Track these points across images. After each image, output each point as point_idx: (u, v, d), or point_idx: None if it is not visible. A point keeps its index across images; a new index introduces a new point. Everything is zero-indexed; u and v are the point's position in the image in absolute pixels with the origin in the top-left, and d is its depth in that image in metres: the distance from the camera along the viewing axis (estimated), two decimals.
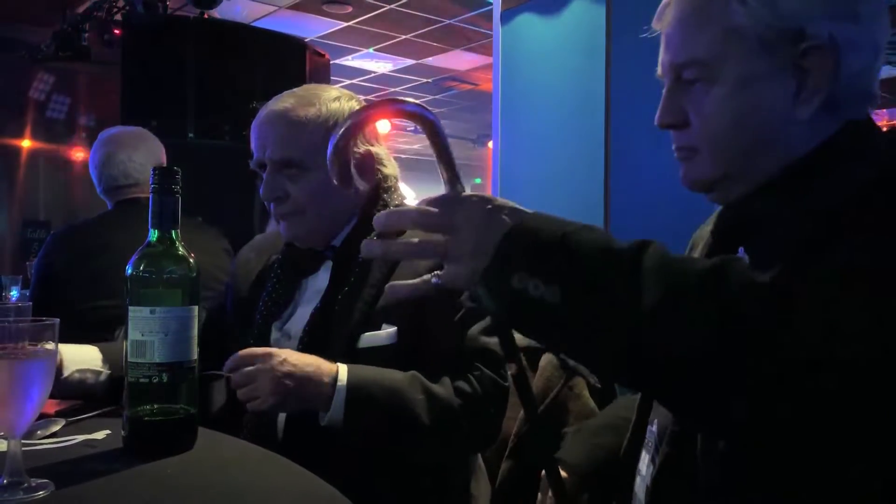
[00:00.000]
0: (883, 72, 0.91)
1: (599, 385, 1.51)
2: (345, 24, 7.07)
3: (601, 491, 1.19)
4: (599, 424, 1.29)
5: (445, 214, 0.78)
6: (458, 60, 8.23)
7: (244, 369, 1.19)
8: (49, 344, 0.91)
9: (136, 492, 0.91)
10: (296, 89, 1.42)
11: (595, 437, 1.25)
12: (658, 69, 0.94)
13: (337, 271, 1.38)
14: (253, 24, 6.25)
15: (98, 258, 2.21)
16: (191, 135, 4.43)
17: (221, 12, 5.18)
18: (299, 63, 4.83)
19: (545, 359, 1.53)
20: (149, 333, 1.04)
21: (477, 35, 7.16)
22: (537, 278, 0.70)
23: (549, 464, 1.03)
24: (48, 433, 1.11)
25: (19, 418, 0.88)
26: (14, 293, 3.47)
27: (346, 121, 0.84)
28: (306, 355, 1.23)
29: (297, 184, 1.36)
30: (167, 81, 4.42)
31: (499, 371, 1.30)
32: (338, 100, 1.40)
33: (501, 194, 3.80)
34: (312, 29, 7.13)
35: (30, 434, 1.07)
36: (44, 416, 1.15)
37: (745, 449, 0.69)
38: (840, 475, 0.66)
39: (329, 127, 1.35)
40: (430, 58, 8.16)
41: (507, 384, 1.30)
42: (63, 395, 1.27)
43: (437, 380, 1.27)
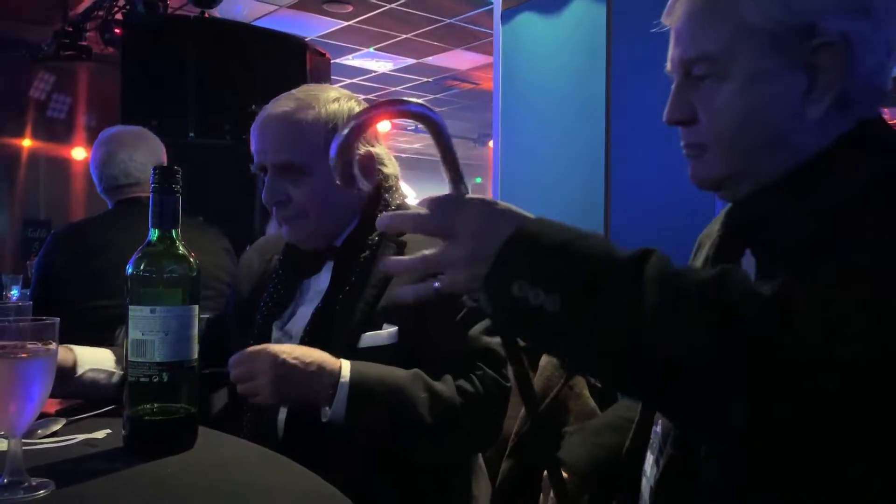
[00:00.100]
0: None
1: (599, 384, 1.51)
2: (345, 24, 7.07)
3: (602, 491, 1.19)
4: (601, 425, 1.29)
5: (445, 219, 0.78)
6: (459, 59, 8.23)
7: (245, 364, 1.19)
8: (49, 343, 0.91)
9: (137, 491, 0.91)
10: (294, 91, 1.42)
11: (596, 438, 1.24)
12: (667, 65, 0.92)
13: (338, 271, 1.38)
14: (253, 24, 6.24)
15: (98, 257, 2.21)
16: (191, 134, 4.42)
17: (222, 12, 5.18)
18: (300, 62, 4.83)
19: (545, 358, 1.53)
20: (149, 333, 1.04)
21: (477, 34, 7.16)
22: (538, 287, 0.69)
23: (551, 464, 1.03)
24: (49, 432, 1.12)
25: (20, 417, 0.88)
26: (14, 292, 3.47)
27: (350, 122, 0.84)
28: (312, 350, 1.22)
29: (299, 187, 1.36)
30: (168, 81, 4.42)
31: (500, 371, 1.29)
32: (337, 101, 1.39)
33: (501, 193, 3.80)
34: (313, 28, 7.13)
35: (30, 433, 1.08)
36: (44, 416, 1.15)
37: (746, 451, 0.68)
38: (840, 475, 0.66)
39: (329, 129, 1.35)
40: (431, 57, 8.16)
41: (509, 384, 1.30)
42: (75, 395, 1.27)
43: (439, 379, 1.26)
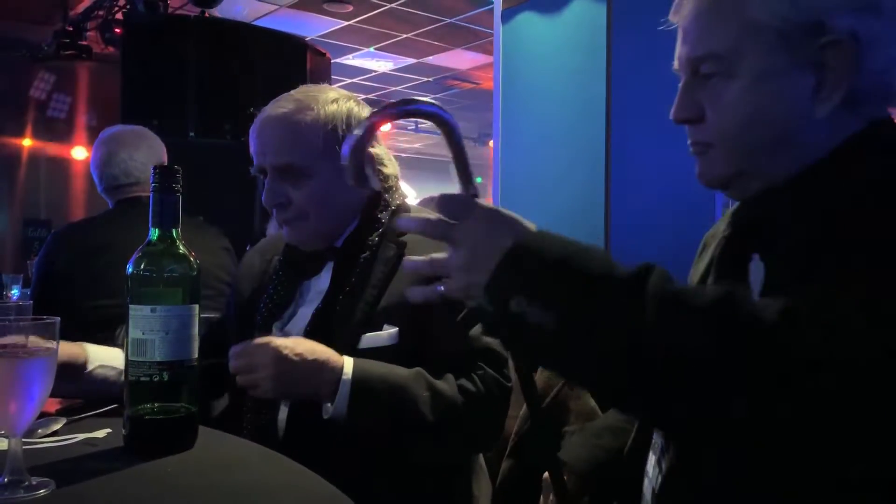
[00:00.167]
0: None
1: (596, 400, 1.50)
2: (345, 23, 7.07)
3: (602, 492, 1.19)
4: (601, 426, 1.29)
5: (448, 225, 0.79)
6: (460, 59, 8.23)
7: (246, 357, 1.19)
8: (50, 342, 0.91)
9: (137, 491, 0.91)
10: (293, 92, 1.41)
11: (596, 439, 1.24)
12: (674, 63, 0.92)
13: (338, 272, 1.38)
14: (254, 23, 6.24)
15: (99, 257, 2.21)
16: (191, 134, 4.42)
17: (222, 11, 5.18)
18: (300, 62, 4.83)
19: None
20: (149, 332, 1.04)
21: (478, 34, 7.16)
22: (535, 305, 0.70)
23: (552, 464, 1.03)
24: (49, 432, 1.11)
25: (20, 417, 0.88)
26: (15, 292, 3.47)
27: (364, 122, 0.85)
28: (315, 345, 1.22)
29: (299, 189, 1.35)
30: (168, 80, 4.42)
31: (501, 371, 1.29)
32: (336, 101, 1.38)
33: (501, 193, 3.80)
34: (313, 28, 7.13)
35: (30, 433, 1.08)
36: (44, 415, 1.15)
37: (747, 452, 0.68)
38: (840, 476, 0.66)
39: (328, 130, 1.35)
40: (431, 56, 8.16)
41: (510, 385, 1.30)
42: (85, 392, 1.28)
43: (441, 378, 1.26)
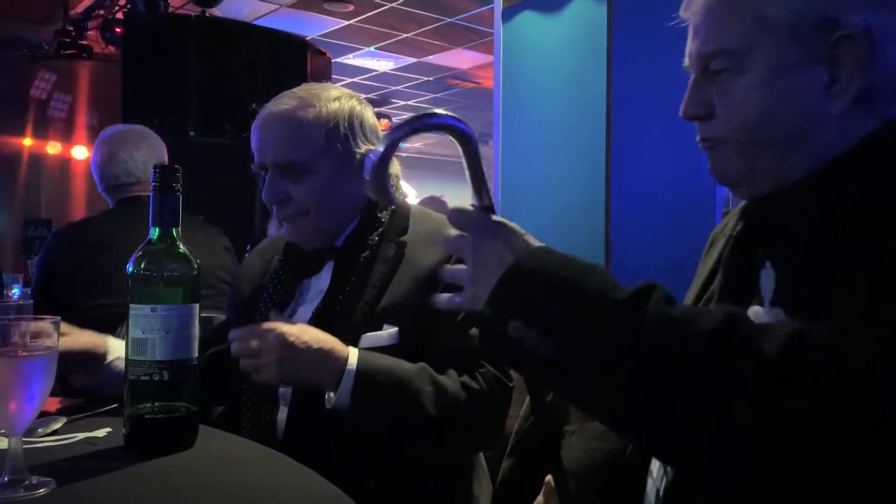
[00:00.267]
0: None
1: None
2: (346, 23, 7.06)
3: (602, 493, 1.19)
4: (601, 428, 1.29)
5: (457, 239, 0.85)
6: (460, 58, 8.22)
7: (248, 339, 1.19)
8: (50, 342, 0.91)
9: (137, 490, 0.91)
10: (295, 89, 1.41)
11: (596, 441, 1.24)
12: (685, 59, 0.90)
13: (338, 271, 1.38)
14: (254, 23, 6.24)
15: (100, 256, 2.21)
16: (192, 133, 4.43)
17: (222, 11, 5.18)
18: (300, 61, 4.84)
19: None
20: (150, 331, 1.04)
21: (479, 33, 7.15)
22: (533, 330, 0.71)
23: (554, 464, 1.03)
24: (49, 431, 1.12)
25: (20, 416, 0.88)
26: (16, 291, 3.47)
27: (386, 138, 0.88)
28: (321, 333, 1.22)
29: (300, 186, 1.35)
30: (168, 80, 4.43)
31: (503, 369, 1.29)
32: (338, 99, 1.38)
33: (502, 193, 3.79)
34: (313, 27, 7.13)
35: (31, 432, 1.08)
36: (45, 414, 1.15)
37: (750, 454, 0.68)
38: (840, 476, 0.66)
39: (330, 128, 1.35)
40: (432, 56, 8.16)
41: (512, 384, 1.29)
42: (104, 384, 1.28)
43: (443, 375, 1.26)
